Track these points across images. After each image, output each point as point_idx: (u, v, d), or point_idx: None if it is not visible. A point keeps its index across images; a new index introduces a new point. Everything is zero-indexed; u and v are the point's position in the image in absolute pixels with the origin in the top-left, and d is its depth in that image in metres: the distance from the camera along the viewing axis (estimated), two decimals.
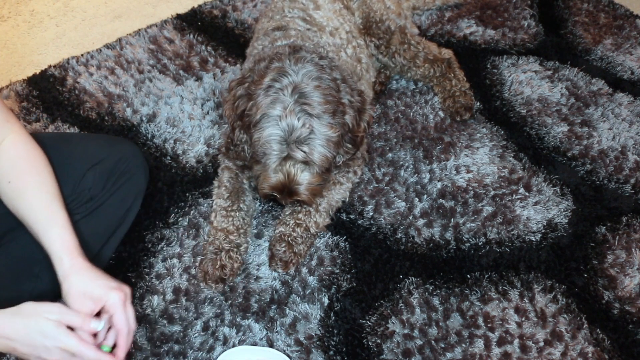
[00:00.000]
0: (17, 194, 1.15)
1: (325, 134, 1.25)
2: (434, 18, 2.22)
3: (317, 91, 1.24)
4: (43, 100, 1.87)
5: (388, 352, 1.30)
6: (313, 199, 1.36)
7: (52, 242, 1.11)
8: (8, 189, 1.15)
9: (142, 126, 1.79)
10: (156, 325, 1.34)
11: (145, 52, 2.05)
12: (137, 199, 1.43)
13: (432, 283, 1.43)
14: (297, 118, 1.22)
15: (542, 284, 1.42)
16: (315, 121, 1.23)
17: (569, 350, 1.30)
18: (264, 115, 1.24)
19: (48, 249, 1.11)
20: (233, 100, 1.33)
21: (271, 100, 1.24)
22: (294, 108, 1.22)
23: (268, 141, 1.25)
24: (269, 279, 1.43)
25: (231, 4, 2.26)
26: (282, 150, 1.25)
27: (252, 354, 1.28)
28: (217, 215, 1.49)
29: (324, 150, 1.26)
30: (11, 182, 1.15)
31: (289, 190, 1.31)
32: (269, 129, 1.24)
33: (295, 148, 1.24)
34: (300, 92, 1.24)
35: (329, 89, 1.27)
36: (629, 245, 1.51)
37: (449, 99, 1.83)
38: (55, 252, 1.10)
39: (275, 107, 1.23)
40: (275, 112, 1.23)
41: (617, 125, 1.82)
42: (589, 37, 2.14)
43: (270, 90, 1.25)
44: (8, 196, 1.16)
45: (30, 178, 1.17)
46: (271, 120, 1.24)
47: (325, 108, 1.24)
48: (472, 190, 1.63)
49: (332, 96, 1.26)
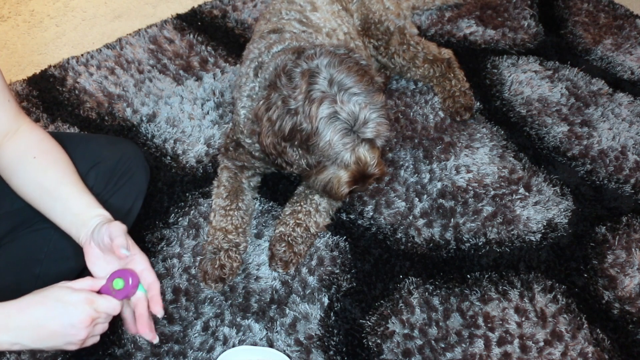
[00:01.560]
0: (43, 167, 1.14)
1: (376, 104, 1.26)
2: (434, 18, 2.22)
3: (349, 73, 1.26)
4: (43, 100, 1.87)
5: (388, 352, 1.30)
6: (384, 170, 1.36)
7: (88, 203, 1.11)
8: (33, 164, 1.14)
9: (142, 126, 1.79)
10: (156, 325, 1.34)
11: (145, 52, 2.05)
12: (138, 199, 1.43)
13: (432, 283, 1.43)
14: (352, 104, 1.23)
15: (542, 284, 1.42)
16: (364, 98, 1.24)
17: (569, 350, 1.30)
18: (320, 119, 1.24)
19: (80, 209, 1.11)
20: (271, 124, 1.30)
21: (319, 102, 1.24)
22: (343, 98, 1.23)
23: (337, 139, 1.25)
24: (269, 279, 1.43)
25: (231, 4, 2.26)
26: (352, 139, 1.26)
27: (252, 354, 1.28)
28: (215, 215, 1.49)
29: (383, 119, 1.28)
30: (37, 157, 1.15)
31: (364, 176, 1.31)
32: (332, 128, 1.24)
33: (364, 130, 1.25)
34: (338, 82, 1.24)
35: (353, 65, 1.28)
36: (629, 245, 1.51)
37: (449, 99, 1.83)
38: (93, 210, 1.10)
39: (327, 106, 1.23)
40: (329, 111, 1.23)
41: (617, 125, 1.82)
42: (589, 37, 2.14)
43: (312, 95, 1.24)
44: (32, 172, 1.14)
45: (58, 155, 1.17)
46: (330, 119, 1.24)
47: (364, 82, 1.26)
48: (472, 190, 1.63)
49: (359, 69, 1.28)
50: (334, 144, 1.25)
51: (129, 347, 1.30)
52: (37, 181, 1.15)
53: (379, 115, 1.26)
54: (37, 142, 1.18)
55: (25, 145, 1.16)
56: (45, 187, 1.14)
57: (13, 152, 1.15)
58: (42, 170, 1.15)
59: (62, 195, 1.13)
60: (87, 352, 1.29)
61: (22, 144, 1.16)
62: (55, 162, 1.17)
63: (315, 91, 1.24)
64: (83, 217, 1.11)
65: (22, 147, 1.16)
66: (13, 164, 1.15)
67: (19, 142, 1.16)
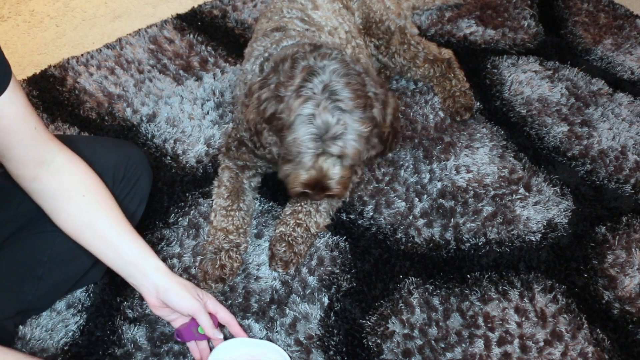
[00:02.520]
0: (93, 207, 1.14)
1: (358, 129, 1.26)
2: (434, 18, 2.22)
3: (347, 87, 1.26)
4: (43, 100, 1.87)
5: (388, 352, 1.30)
6: (344, 192, 1.37)
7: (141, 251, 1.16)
8: (82, 203, 1.14)
9: (142, 126, 1.79)
10: (156, 325, 1.34)
11: (145, 52, 2.05)
12: (141, 204, 1.43)
13: (432, 283, 1.43)
14: (331, 115, 1.23)
15: (542, 284, 1.42)
16: (348, 117, 1.24)
17: (569, 350, 1.30)
18: (298, 116, 1.25)
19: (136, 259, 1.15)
20: (258, 103, 1.32)
21: (303, 100, 1.24)
22: (327, 105, 1.23)
23: (303, 140, 1.25)
24: (269, 279, 1.43)
25: (231, 4, 2.26)
26: (317, 147, 1.26)
27: (247, 346, 1.26)
28: (216, 215, 1.49)
29: (357, 145, 1.27)
30: (85, 195, 1.14)
31: (321, 186, 1.31)
32: (304, 129, 1.25)
33: (330, 144, 1.25)
34: (331, 90, 1.25)
35: (357, 84, 1.28)
36: (629, 245, 1.51)
37: (449, 99, 1.83)
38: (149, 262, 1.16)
39: (308, 106, 1.24)
40: (308, 111, 1.24)
41: (617, 125, 1.82)
42: (589, 37, 2.14)
43: (301, 90, 1.25)
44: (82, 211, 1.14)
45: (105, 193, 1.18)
46: (305, 119, 1.24)
47: (356, 103, 1.25)
48: (472, 190, 1.63)
49: (360, 91, 1.28)
50: (300, 143, 1.25)
51: (129, 347, 1.30)
52: (87, 223, 1.14)
53: (354, 139, 1.26)
54: (83, 178, 1.16)
55: (70, 183, 1.14)
56: (95, 230, 1.14)
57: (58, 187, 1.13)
58: (92, 210, 1.14)
59: (114, 241, 1.14)
60: (87, 352, 1.29)
61: (67, 180, 1.14)
62: (103, 201, 1.16)
63: (306, 88, 1.25)
64: (140, 267, 1.14)
65: (67, 184, 1.14)
66: (58, 200, 1.13)
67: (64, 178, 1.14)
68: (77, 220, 1.14)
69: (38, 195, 1.13)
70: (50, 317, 1.34)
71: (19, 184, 1.13)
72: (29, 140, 1.08)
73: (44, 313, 1.34)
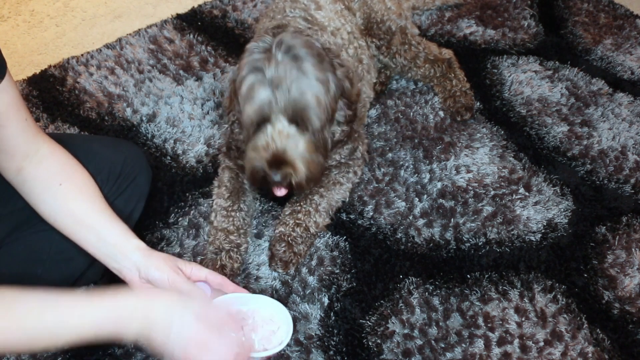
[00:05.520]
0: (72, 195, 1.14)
1: (315, 73, 1.17)
2: (434, 18, 2.22)
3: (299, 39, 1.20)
4: (43, 100, 1.87)
5: (388, 352, 1.30)
6: (309, 176, 1.24)
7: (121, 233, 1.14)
8: (60, 191, 1.13)
9: (142, 126, 1.79)
10: None
11: (145, 52, 2.05)
12: (139, 202, 1.43)
13: (432, 283, 1.43)
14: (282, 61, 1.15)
15: (542, 284, 1.42)
16: (303, 61, 1.17)
17: (569, 350, 1.30)
18: (248, 69, 1.18)
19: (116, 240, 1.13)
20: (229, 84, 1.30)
21: (255, 56, 1.19)
22: (277, 53, 1.17)
23: (251, 87, 1.16)
24: (269, 279, 1.43)
25: (231, 4, 2.26)
26: (267, 95, 1.16)
27: (243, 301, 1.23)
28: (217, 215, 1.49)
29: (316, 90, 1.16)
30: (63, 183, 1.14)
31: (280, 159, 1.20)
32: (252, 75, 1.17)
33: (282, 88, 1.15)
34: (282, 41, 1.19)
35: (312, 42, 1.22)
36: (629, 245, 1.51)
37: (450, 99, 1.83)
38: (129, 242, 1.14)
39: (259, 59, 1.18)
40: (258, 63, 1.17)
41: (617, 125, 1.82)
42: (589, 37, 2.14)
43: (254, 50, 1.21)
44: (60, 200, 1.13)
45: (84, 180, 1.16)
46: (255, 69, 1.18)
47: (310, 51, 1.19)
48: (472, 190, 1.63)
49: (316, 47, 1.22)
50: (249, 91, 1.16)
51: (129, 347, 1.30)
52: (66, 210, 1.13)
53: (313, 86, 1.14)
54: (61, 167, 1.15)
55: (48, 172, 1.14)
56: (75, 216, 1.13)
57: (36, 178, 1.13)
58: (71, 199, 1.14)
59: (95, 225, 1.13)
60: (87, 352, 1.29)
61: (45, 170, 1.14)
62: (82, 188, 1.15)
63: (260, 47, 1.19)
64: (121, 248, 1.12)
65: (45, 173, 1.13)
66: (38, 192, 1.13)
67: (42, 168, 1.13)
68: (58, 209, 1.13)
69: (22, 188, 1.13)
70: None
71: (4, 177, 1.13)
72: (20, 132, 1.09)
73: None
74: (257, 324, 1.20)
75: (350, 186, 1.59)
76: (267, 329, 1.20)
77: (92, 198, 1.15)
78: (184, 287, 1.12)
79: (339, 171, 1.56)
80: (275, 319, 1.21)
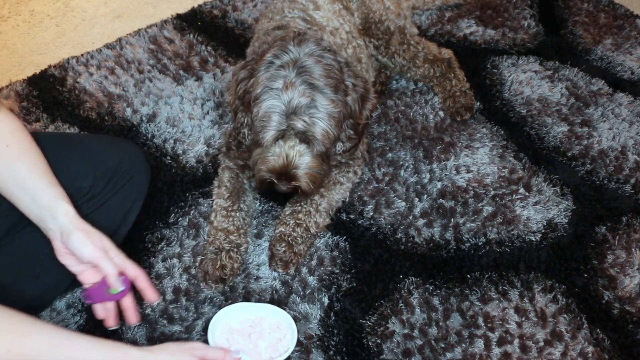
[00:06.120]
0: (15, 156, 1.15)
1: (327, 107, 1.23)
2: (434, 18, 2.22)
3: (319, 65, 1.23)
4: (43, 100, 1.87)
5: (388, 352, 1.30)
6: (312, 187, 1.32)
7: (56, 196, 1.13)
8: (5, 152, 1.15)
9: (142, 126, 1.79)
10: (156, 325, 1.34)
11: (145, 52, 2.05)
12: (138, 199, 1.43)
13: (432, 283, 1.43)
14: (298, 89, 1.20)
15: (542, 284, 1.42)
16: (317, 93, 1.22)
17: (569, 350, 1.30)
18: (264, 88, 1.23)
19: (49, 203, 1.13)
20: (236, 84, 1.33)
21: (272, 74, 1.23)
22: (295, 80, 1.21)
23: (267, 113, 1.22)
24: (269, 279, 1.43)
25: (231, 4, 2.26)
26: (281, 122, 1.23)
27: (248, 310, 1.27)
28: (217, 215, 1.49)
29: (325, 125, 1.23)
30: (10, 145, 1.16)
31: (287, 174, 1.28)
32: (269, 101, 1.22)
33: (295, 118, 1.21)
34: (301, 65, 1.23)
35: (331, 66, 1.26)
36: (629, 245, 1.51)
37: (449, 99, 1.83)
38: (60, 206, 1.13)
39: (276, 80, 1.23)
40: (275, 85, 1.22)
41: (617, 125, 1.82)
42: (589, 37, 2.14)
43: (271, 66, 1.24)
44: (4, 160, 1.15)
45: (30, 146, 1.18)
46: (271, 92, 1.22)
47: (327, 81, 1.23)
48: (472, 190, 1.63)
49: (334, 73, 1.26)
50: (264, 115, 1.22)
51: None
52: (8, 170, 1.15)
53: (322, 117, 1.22)
54: (11, 132, 1.18)
55: None
56: (15, 177, 1.15)
57: None
58: (15, 159, 1.15)
59: (31, 187, 1.14)
60: None
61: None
62: (26, 152, 1.17)
63: (275, 65, 1.23)
64: (52, 210, 1.12)
65: None
66: None
67: None
68: (1, 169, 1.15)
69: None
70: (50, 317, 1.34)
71: None
72: None
73: (44, 313, 1.34)
74: (265, 332, 1.25)
75: (351, 186, 1.59)
76: (274, 336, 1.25)
77: (34, 162, 1.17)
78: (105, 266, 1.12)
79: (339, 171, 1.56)
80: (282, 326, 1.26)
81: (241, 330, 1.27)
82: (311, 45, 1.27)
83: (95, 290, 1.16)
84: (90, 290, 1.17)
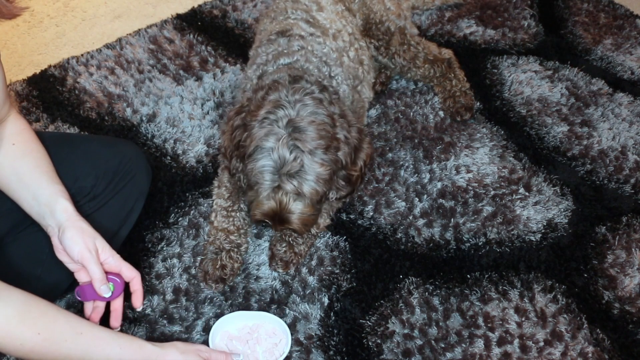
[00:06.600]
0: (20, 154, 1.18)
1: (316, 170, 1.26)
2: (434, 18, 2.22)
3: (312, 126, 1.25)
4: (43, 100, 1.87)
5: (388, 352, 1.30)
6: (305, 228, 1.35)
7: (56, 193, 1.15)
8: (11, 150, 1.18)
9: (142, 126, 1.79)
10: (156, 325, 1.34)
11: (145, 52, 2.05)
12: (139, 200, 1.43)
13: (432, 283, 1.43)
14: (289, 152, 1.23)
15: (542, 284, 1.42)
16: (307, 157, 1.24)
17: (569, 350, 1.30)
18: (257, 147, 1.26)
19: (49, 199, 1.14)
20: (231, 131, 1.35)
21: (265, 132, 1.25)
22: (286, 141, 1.23)
23: (261, 172, 1.26)
24: (269, 279, 1.43)
25: (231, 4, 2.26)
26: (274, 180, 1.26)
27: (245, 319, 1.32)
28: (217, 215, 1.49)
29: (314, 185, 1.27)
30: (15, 144, 1.18)
31: (281, 218, 1.31)
32: (262, 161, 1.26)
33: (285, 180, 1.25)
34: (294, 125, 1.25)
35: (324, 124, 1.28)
36: (629, 245, 1.51)
37: (450, 99, 1.83)
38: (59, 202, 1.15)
39: (269, 139, 1.25)
40: (268, 145, 1.25)
41: (617, 125, 1.82)
42: (589, 37, 2.14)
43: (264, 122, 1.27)
44: (9, 157, 1.17)
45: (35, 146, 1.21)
46: (264, 152, 1.25)
47: (318, 144, 1.25)
48: (472, 190, 1.63)
49: (326, 131, 1.27)
50: (257, 174, 1.26)
51: None
52: (12, 167, 1.17)
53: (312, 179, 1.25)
54: (20, 131, 1.21)
55: (8, 132, 1.19)
56: (18, 174, 1.16)
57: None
58: (19, 157, 1.18)
59: (33, 183, 1.16)
60: None
61: (5, 130, 1.20)
62: (31, 151, 1.20)
63: (269, 120, 1.26)
64: (51, 207, 1.14)
65: (4, 133, 1.19)
66: None
67: (3, 129, 1.19)
68: (6, 167, 1.17)
69: None
70: None
71: None
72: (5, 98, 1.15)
73: None
74: (262, 337, 1.30)
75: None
76: (270, 341, 1.30)
77: (38, 160, 1.19)
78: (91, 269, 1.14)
79: None
80: (277, 332, 1.30)
81: (240, 337, 1.30)
82: (306, 100, 1.29)
83: (87, 288, 1.18)
84: (83, 288, 1.19)
